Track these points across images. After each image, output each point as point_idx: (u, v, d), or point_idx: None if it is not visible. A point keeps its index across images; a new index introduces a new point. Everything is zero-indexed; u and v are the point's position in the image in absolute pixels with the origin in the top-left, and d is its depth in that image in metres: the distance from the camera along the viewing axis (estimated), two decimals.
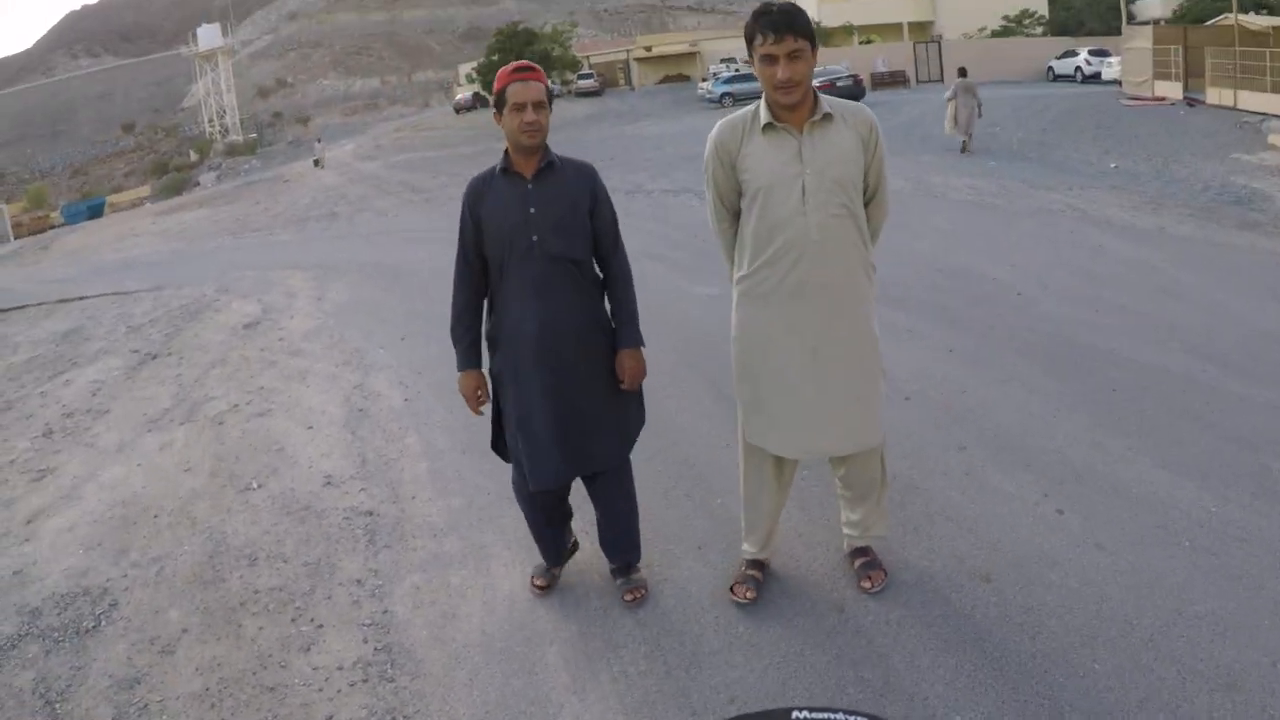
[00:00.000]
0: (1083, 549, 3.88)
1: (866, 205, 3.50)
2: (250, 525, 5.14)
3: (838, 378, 3.43)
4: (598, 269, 3.75)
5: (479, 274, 3.65)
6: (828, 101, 3.39)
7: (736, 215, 3.57)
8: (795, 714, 1.67)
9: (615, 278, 3.73)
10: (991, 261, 9.51)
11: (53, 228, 58.10)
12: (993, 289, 8.37)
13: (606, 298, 3.76)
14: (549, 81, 3.56)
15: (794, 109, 3.32)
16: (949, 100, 20.79)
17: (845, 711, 1.71)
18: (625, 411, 3.79)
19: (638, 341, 3.72)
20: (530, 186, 3.54)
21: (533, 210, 3.50)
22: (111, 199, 69.37)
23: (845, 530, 3.89)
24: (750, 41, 3.30)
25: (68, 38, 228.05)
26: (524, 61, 3.63)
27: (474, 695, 3.41)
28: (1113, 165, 16.26)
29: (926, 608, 3.58)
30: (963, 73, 21.69)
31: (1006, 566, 3.80)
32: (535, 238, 3.49)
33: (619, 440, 3.75)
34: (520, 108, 3.45)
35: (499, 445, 3.89)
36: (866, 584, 3.69)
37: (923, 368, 6.40)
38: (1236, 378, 5.69)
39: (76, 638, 4.17)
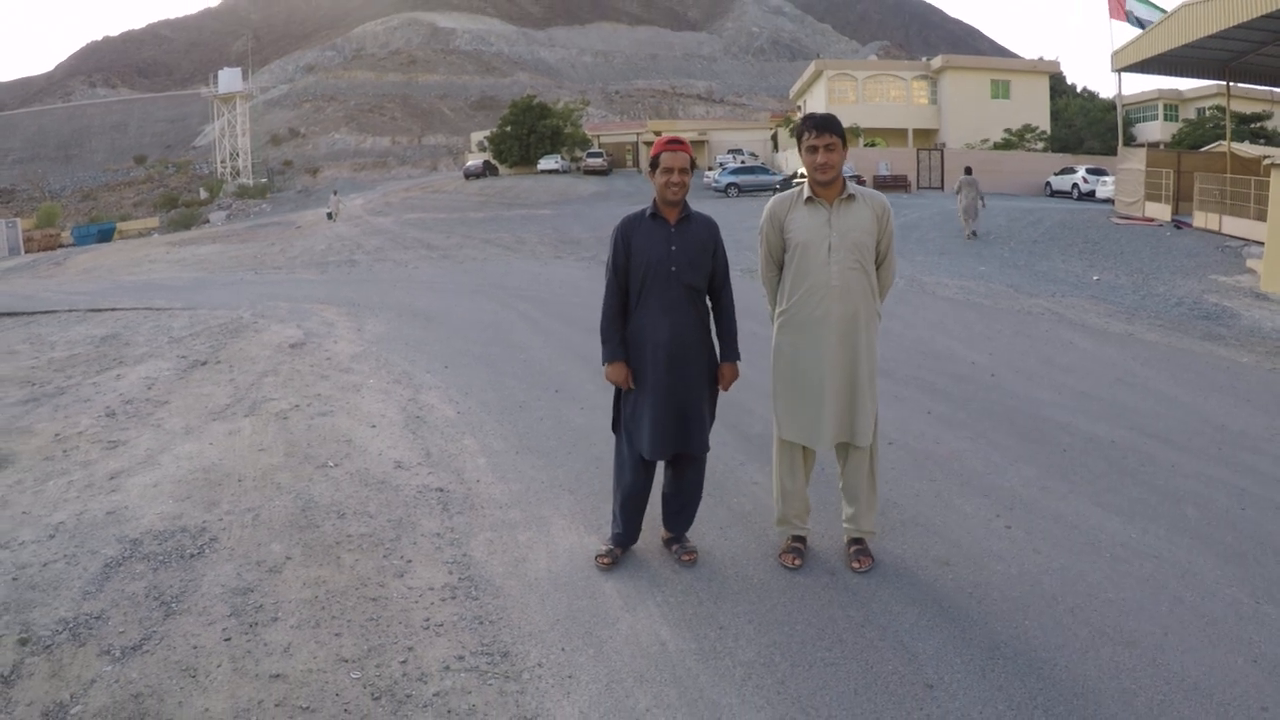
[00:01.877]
0: (1024, 552, 4.93)
1: (879, 267, 4.77)
2: (334, 491, 5.97)
3: (846, 386, 4.65)
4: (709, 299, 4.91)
5: (625, 291, 4.76)
6: (853, 187, 4.72)
7: (779, 267, 4.83)
8: None
9: (723, 306, 4.93)
10: (971, 349, 10.63)
11: (63, 247, 58.84)
12: (970, 370, 9.46)
13: (714, 320, 4.91)
14: (692, 153, 4.83)
15: (827, 187, 4.67)
16: (957, 194, 25.11)
17: None
18: (711, 408, 4.92)
19: (737, 356, 4.92)
20: (673, 230, 4.73)
21: (674, 248, 4.69)
22: (121, 226, 70.12)
23: (844, 524, 4.95)
24: (799, 137, 4.65)
25: (87, 66, 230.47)
26: (676, 135, 4.83)
27: (546, 609, 4.41)
28: (1095, 278, 17.26)
29: (899, 578, 4.65)
30: (968, 171, 26.10)
31: (962, 558, 4.87)
32: (674, 269, 4.68)
33: (706, 430, 4.85)
34: (670, 170, 4.67)
35: (617, 424, 4.93)
36: (856, 565, 4.74)
37: (905, 423, 7.47)
38: (1173, 450, 6.72)
39: (181, 560, 4.84)
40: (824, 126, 4.54)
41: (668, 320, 4.66)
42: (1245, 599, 4.37)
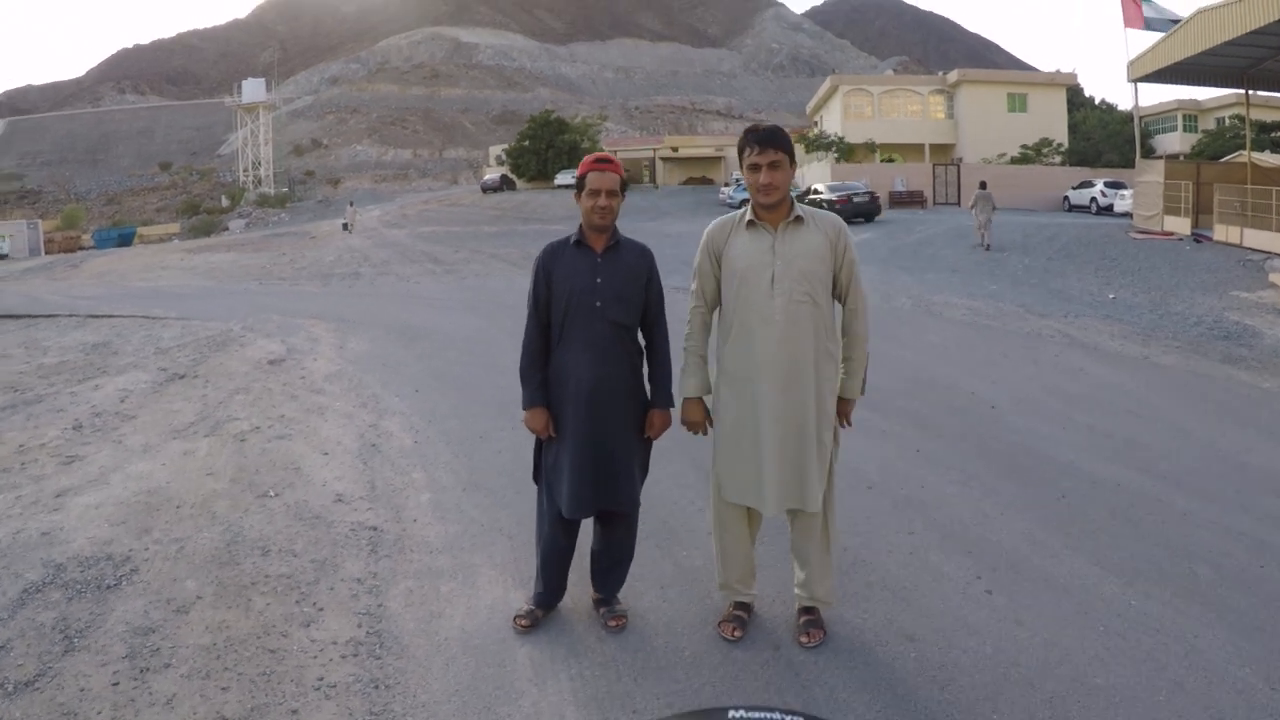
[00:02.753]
0: (1003, 623, 4.33)
1: (842, 303, 4.14)
2: (265, 524, 5.70)
3: (789, 445, 4.00)
4: (640, 337, 4.35)
5: (547, 325, 4.24)
6: (801, 208, 4.08)
7: (710, 305, 4.23)
8: (732, 714, 2.03)
9: (656, 346, 4.37)
10: (973, 377, 10.02)
11: (83, 249, 59.61)
12: (968, 402, 8.85)
13: (645, 361, 4.35)
14: (623, 173, 4.28)
15: (772, 210, 4.03)
16: (971, 208, 25.85)
17: (782, 711, 2.07)
18: (642, 460, 4.39)
19: (669, 403, 4.34)
20: (599, 259, 4.19)
21: (599, 280, 4.14)
22: (141, 231, 70.80)
23: (795, 589, 4.35)
24: (741, 153, 4.04)
25: (116, 73, 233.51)
26: (604, 154, 4.32)
27: (449, 676, 3.94)
28: (1110, 296, 16.70)
29: (853, 655, 4.05)
30: (983, 185, 26.75)
31: (930, 631, 4.26)
32: (599, 303, 4.13)
33: (636, 484, 4.31)
34: (596, 193, 4.14)
35: (539, 474, 4.41)
36: (804, 639, 4.15)
37: (889, 463, 6.89)
38: (1183, 494, 6.12)
39: (98, 591, 4.71)
40: (768, 141, 3.94)
41: (591, 360, 4.12)
42: (1259, 684, 3.77)
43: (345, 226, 47.09)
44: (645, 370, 4.35)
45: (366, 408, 8.85)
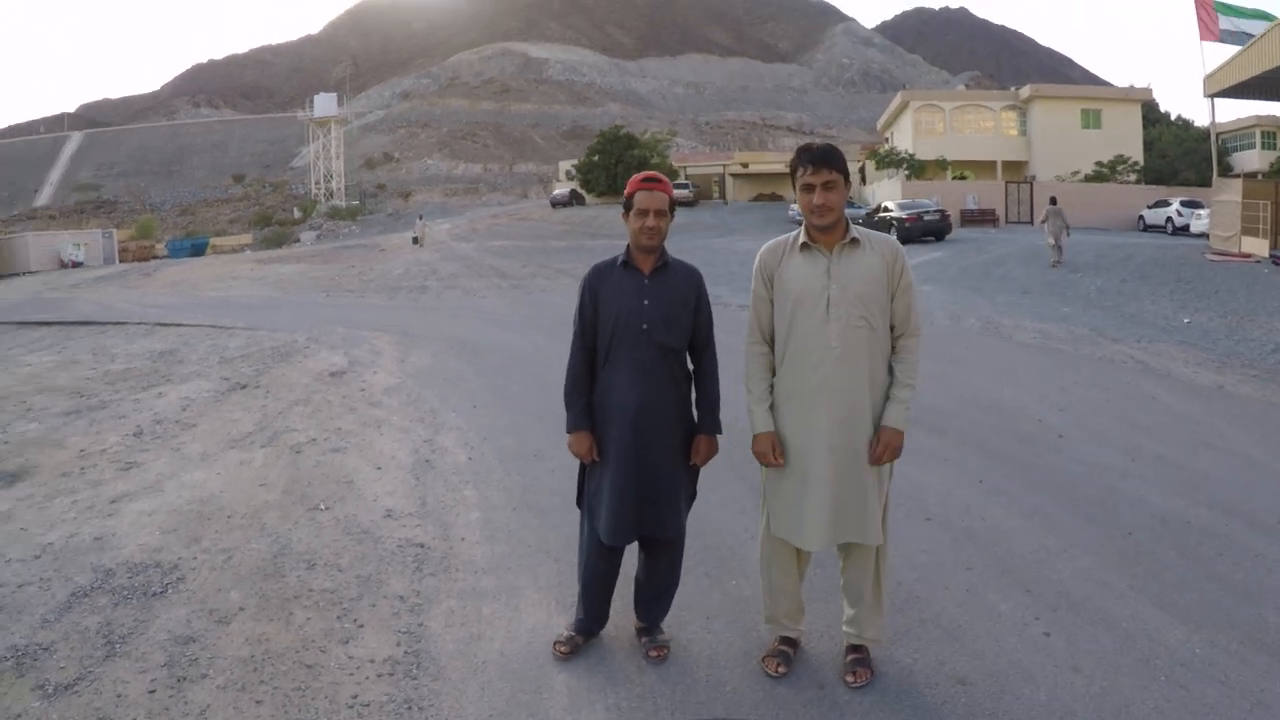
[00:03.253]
0: (1060, 669, 4.15)
1: (898, 335, 3.98)
2: (314, 537, 5.75)
3: (847, 476, 3.87)
4: (689, 361, 4.27)
5: (593, 348, 4.18)
6: (857, 230, 3.94)
7: (767, 338, 4.08)
8: None
9: (704, 370, 4.28)
10: (1041, 403, 9.75)
11: (156, 258, 60.92)
12: (1035, 430, 8.60)
13: (694, 386, 4.27)
14: (672, 193, 4.18)
15: (827, 232, 3.89)
16: (1043, 223, 26.41)
17: None
18: (688, 487, 4.30)
19: (716, 429, 4.26)
20: (646, 281, 4.11)
21: (646, 302, 4.06)
22: (214, 241, 72.22)
23: (844, 627, 4.22)
24: (793, 172, 3.92)
25: (191, 87, 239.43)
26: (653, 173, 4.24)
27: (483, 701, 3.89)
28: (1185, 321, 16.23)
29: (901, 697, 3.91)
30: (1053, 201, 27.04)
31: (983, 675, 4.10)
32: (645, 326, 4.05)
33: (681, 511, 4.22)
34: (644, 213, 4.05)
35: (582, 499, 4.36)
36: (850, 678, 4.01)
37: (950, 493, 6.70)
38: (1256, 533, 5.85)
39: (143, 598, 4.82)
40: (822, 161, 3.81)
41: (637, 384, 4.04)
42: None
43: (415, 241, 46.87)
44: (692, 395, 4.26)
45: (423, 422, 8.88)
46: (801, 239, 3.96)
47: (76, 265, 53.65)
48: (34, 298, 26.01)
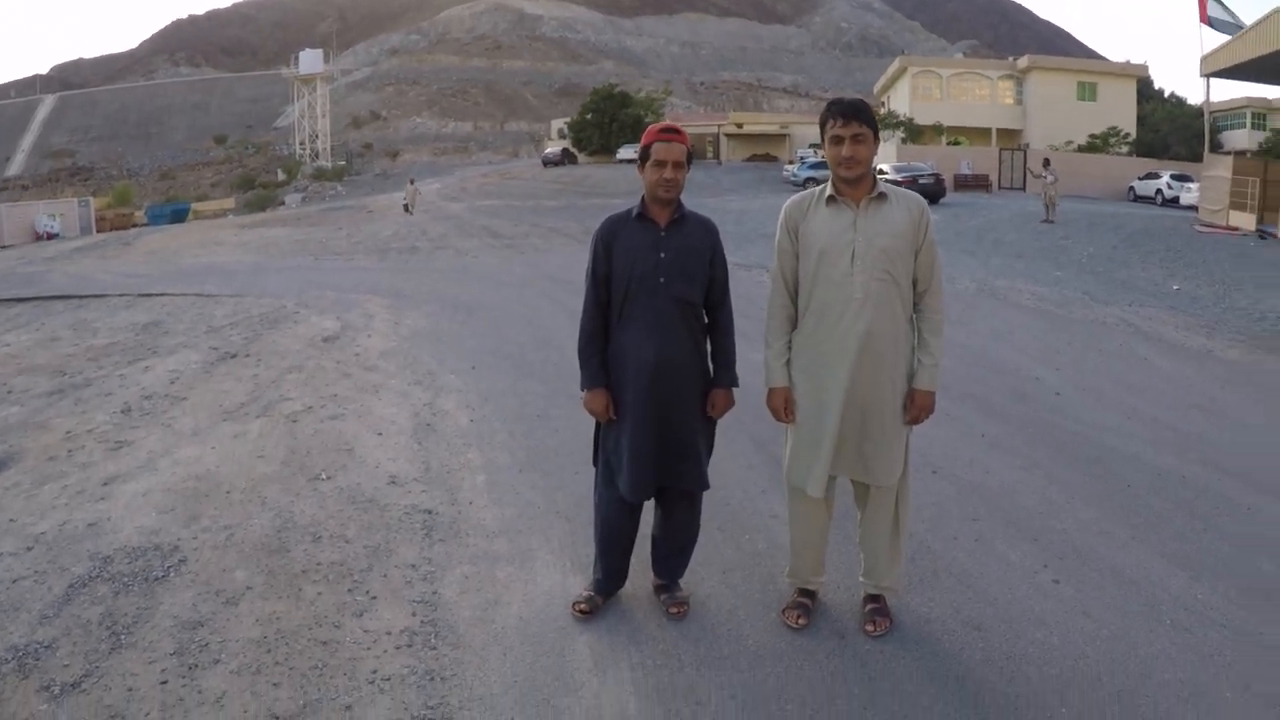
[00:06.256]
0: (1070, 614, 4.24)
1: (921, 292, 4.02)
2: (317, 509, 5.60)
3: (865, 416, 3.93)
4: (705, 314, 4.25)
5: (607, 304, 4.13)
6: (884, 184, 3.97)
7: (791, 293, 4.10)
8: None
9: (720, 324, 4.25)
10: (1037, 363, 9.86)
11: (135, 226, 59.11)
12: (1034, 388, 8.70)
13: (709, 340, 4.25)
14: (689, 144, 4.16)
15: (854, 185, 3.92)
16: (1036, 177, 28.06)
17: None
18: (707, 439, 4.28)
19: (733, 383, 4.23)
20: (663, 234, 4.07)
21: (663, 255, 4.02)
22: (196, 207, 70.81)
23: (862, 578, 4.29)
24: (823, 126, 3.93)
25: (171, 44, 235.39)
26: (670, 123, 4.20)
27: (506, 667, 3.86)
28: (1175, 287, 16.34)
29: (919, 645, 3.99)
30: (1046, 163, 29.38)
31: (997, 620, 4.19)
32: (663, 279, 4.00)
33: (700, 463, 4.19)
34: (661, 165, 4.00)
35: (598, 458, 4.33)
36: (870, 627, 4.08)
37: (954, 448, 6.79)
38: (1250, 490, 5.95)
39: (145, 584, 4.59)
40: (852, 113, 3.81)
41: (654, 339, 3.99)
42: None
43: (406, 208, 43.38)
44: (709, 348, 4.26)
45: (422, 385, 8.78)
46: (828, 192, 3.98)
47: (52, 237, 51.45)
48: (8, 273, 25.20)
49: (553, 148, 79.08)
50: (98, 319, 13.75)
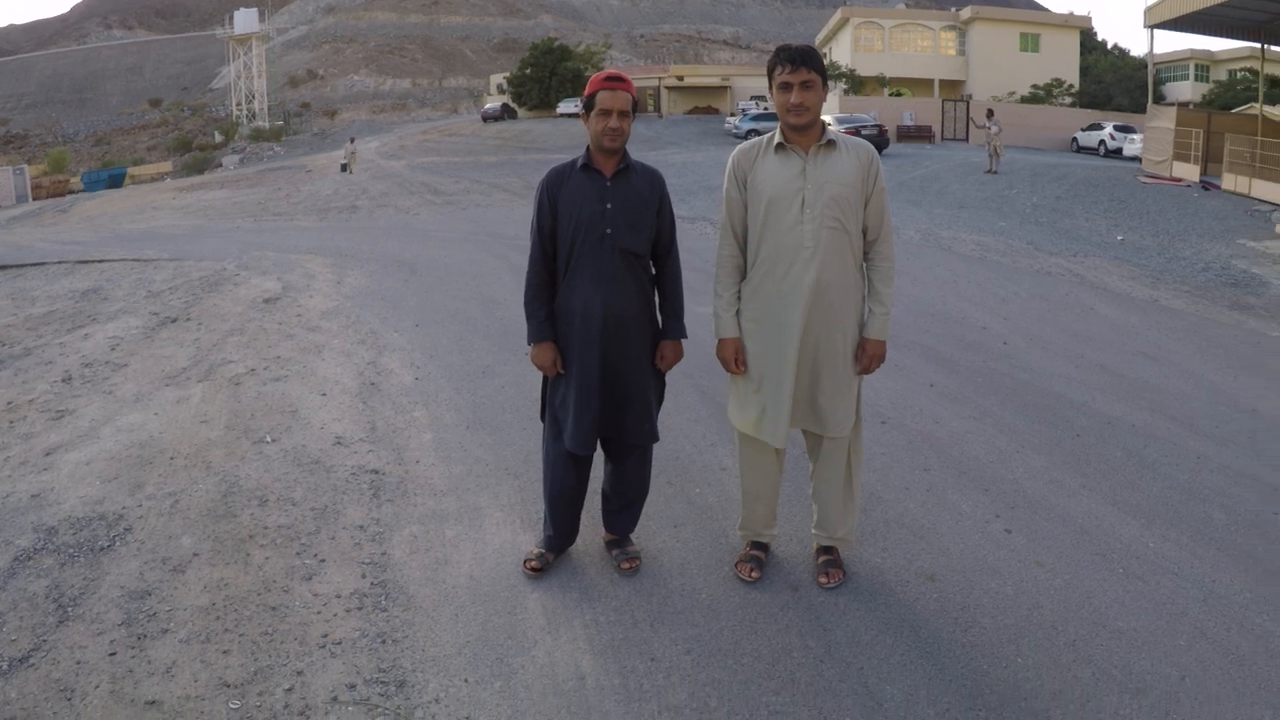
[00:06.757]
0: (1023, 564, 4.25)
1: (871, 241, 3.96)
2: (263, 472, 5.47)
3: (817, 366, 3.88)
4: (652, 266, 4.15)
5: (553, 256, 4.02)
6: (833, 133, 3.88)
7: (742, 243, 4.00)
8: None
9: (668, 275, 4.17)
10: (984, 312, 9.90)
11: (72, 193, 57.99)
12: (981, 336, 8.73)
13: (657, 291, 4.16)
14: (635, 92, 4.03)
15: (803, 133, 3.82)
16: (980, 128, 28.65)
17: None
18: (657, 392, 4.22)
19: (681, 334, 4.15)
20: (608, 184, 3.95)
21: (609, 206, 3.91)
22: (132, 171, 69.03)
23: (814, 530, 4.25)
24: (771, 72, 3.83)
25: (103, 7, 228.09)
26: (616, 71, 4.06)
27: (458, 627, 3.79)
28: (1119, 238, 16.50)
29: (873, 596, 3.97)
30: (990, 113, 29.56)
31: (951, 571, 4.18)
32: (609, 230, 3.90)
33: (650, 416, 4.12)
34: (606, 114, 3.88)
35: (545, 413, 4.23)
36: (824, 579, 4.05)
37: (903, 398, 6.77)
38: (1198, 438, 6.02)
39: (91, 554, 4.47)
40: (800, 60, 3.72)
41: (602, 291, 3.90)
42: (1276, 631, 3.70)
43: (344, 167, 42.20)
44: (657, 300, 4.18)
45: (365, 345, 8.64)
46: (777, 139, 3.89)
47: None
48: None
49: (492, 103, 78.31)
50: (36, 287, 13.39)
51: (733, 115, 57.89)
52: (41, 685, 3.44)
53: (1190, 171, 26.27)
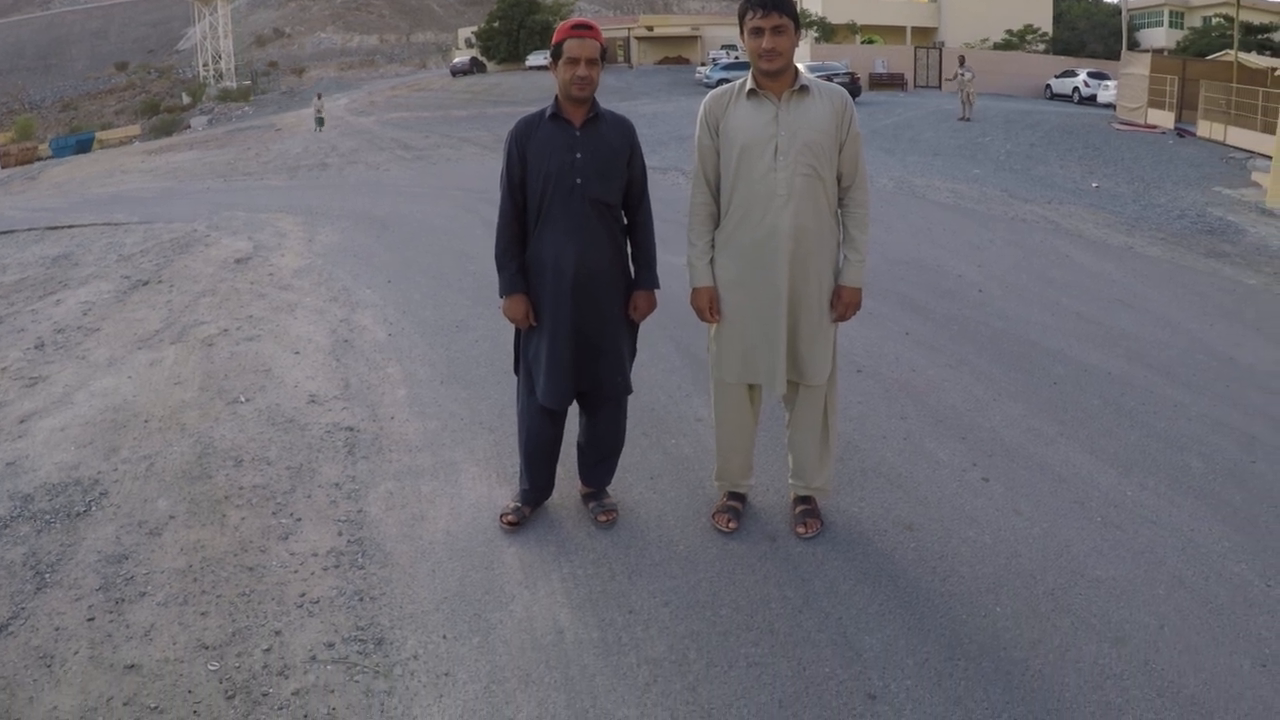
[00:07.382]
0: (1002, 513, 4.25)
1: (846, 187, 3.89)
2: (237, 433, 5.42)
3: (798, 320, 3.83)
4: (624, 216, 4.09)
5: (523, 208, 3.94)
6: (806, 77, 3.77)
7: (715, 191, 3.92)
8: None
9: (640, 225, 4.09)
10: (959, 260, 9.87)
11: (40, 160, 57.18)
12: (956, 285, 8.71)
13: (629, 241, 4.09)
14: (603, 40, 3.93)
15: (775, 78, 3.71)
16: (953, 79, 28.59)
17: None
18: (630, 343, 4.17)
19: (654, 284, 4.09)
20: (578, 134, 3.86)
21: (579, 156, 3.82)
22: (100, 135, 68.02)
23: (790, 479, 4.23)
24: (742, 18, 3.71)
25: None
26: (584, 19, 3.98)
27: (435, 583, 3.77)
28: (1094, 185, 16.51)
29: (851, 546, 3.95)
30: (962, 60, 29.40)
31: (929, 520, 4.18)
32: (579, 180, 3.81)
33: (622, 368, 4.08)
34: (574, 62, 3.77)
35: (519, 366, 4.18)
36: (801, 529, 4.03)
37: (878, 346, 6.76)
38: (1175, 386, 6.03)
39: (67, 520, 4.43)
40: (772, 4, 3.59)
41: (573, 242, 3.83)
42: (1254, 580, 3.71)
43: (319, 123, 40.56)
44: (629, 250, 4.12)
45: (337, 302, 8.56)
46: (749, 85, 3.79)
47: None
48: None
49: (461, 57, 77.66)
50: (6, 255, 13.18)
51: (703, 65, 57.39)
52: (21, 653, 3.42)
53: (1165, 119, 26.36)
